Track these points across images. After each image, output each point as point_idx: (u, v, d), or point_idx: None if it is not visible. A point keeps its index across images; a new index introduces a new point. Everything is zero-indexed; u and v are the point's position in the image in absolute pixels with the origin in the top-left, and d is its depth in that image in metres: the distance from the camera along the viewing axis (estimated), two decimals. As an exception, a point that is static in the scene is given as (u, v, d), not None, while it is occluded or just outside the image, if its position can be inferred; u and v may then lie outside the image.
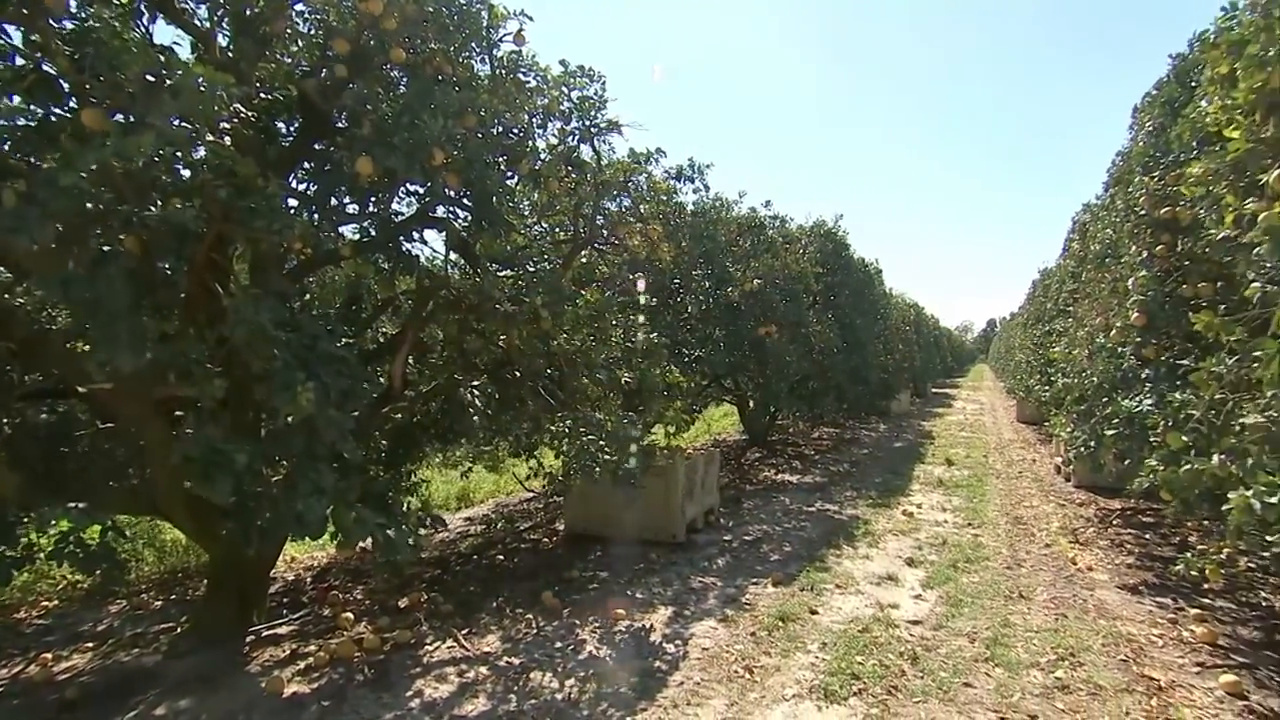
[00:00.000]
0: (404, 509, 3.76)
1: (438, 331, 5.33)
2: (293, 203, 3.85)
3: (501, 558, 5.95)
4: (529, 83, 4.54)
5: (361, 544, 3.05)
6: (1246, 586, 5.07)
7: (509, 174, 4.58)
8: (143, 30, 3.13)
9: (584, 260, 5.77)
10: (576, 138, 5.17)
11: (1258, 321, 3.21)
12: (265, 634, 4.24)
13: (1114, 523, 7.11)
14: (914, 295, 28.49)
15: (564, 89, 4.89)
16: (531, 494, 8.32)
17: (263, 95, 3.55)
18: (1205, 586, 4.94)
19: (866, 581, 5.21)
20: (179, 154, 2.51)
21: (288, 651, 4.01)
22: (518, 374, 4.71)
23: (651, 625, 4.44)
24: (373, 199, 3.91)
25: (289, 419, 2.70)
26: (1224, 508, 2.58)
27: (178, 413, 3.70)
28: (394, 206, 4.22)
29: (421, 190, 4.07)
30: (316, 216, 3.73)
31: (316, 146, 3.80)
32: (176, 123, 2.46)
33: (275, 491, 2.83)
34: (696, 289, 8.45)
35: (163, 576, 5.47)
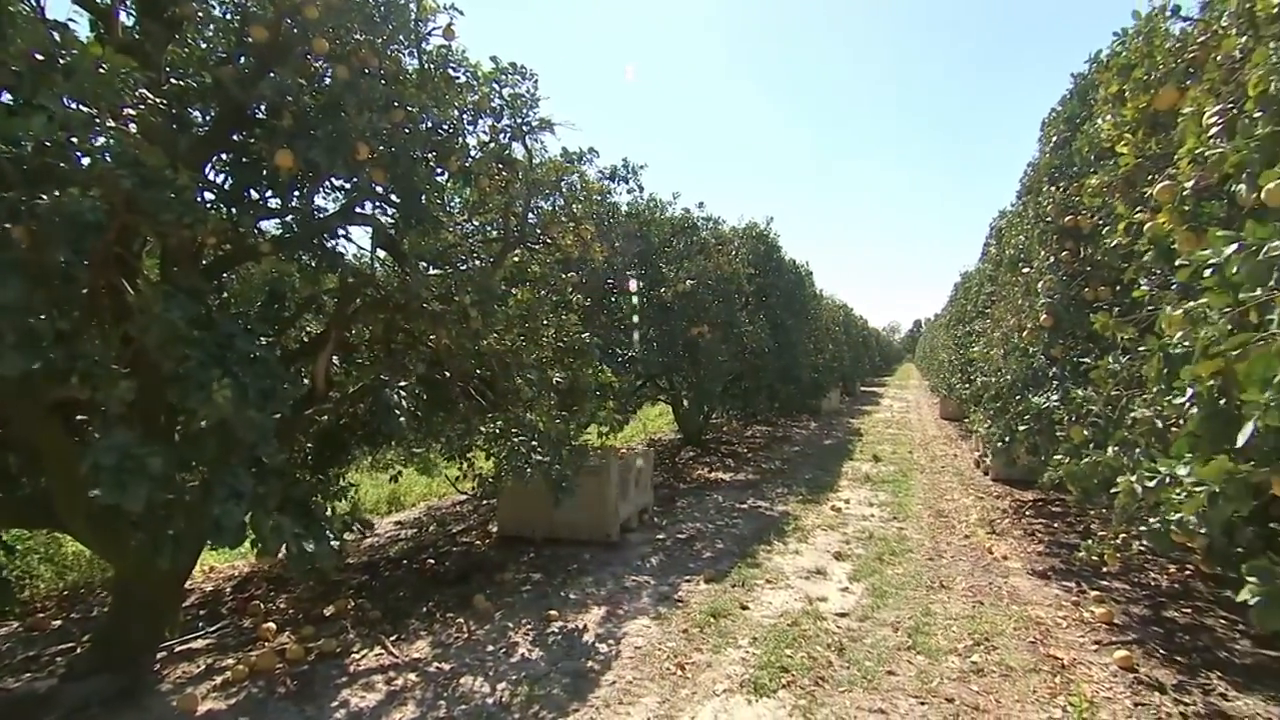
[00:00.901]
0: (328, 514, 3.64)
1: (365, 331, 5.18)
2: (209, 196, 3.69)
3: (432, 561, 5.82)
4: (459, 78, 4.47)
5: (283, 551, 2.94)
6: (1139, 568, 5.44)
7: (438, 171, 4.49)
8: (32, 3, 2.92)
9: (516, 259, 5.70)
10: (508, 135, 5.10)
11: (1146, 322, 3.45)
12: (179, 650, 4.03)
13: (1027, 513, 7.50)
14: (843, 296, 29.39)
15: (495, 86, 4.82)
16: (465, 496, 8.17)
17: (174, 81, 3.37)
18: (1105, 570, 5.28)
19: (796, 576, 5.34)
20: (75, 139, 2.35)
21: (203, 667, 3.82)
22: (447, 374, 4.62)
23: (585, 625, 4.43)
24: (295, 193, 3.77)
25: (204, 422, 2.58)
26: (1112, 491, 2.76)
27: (80, 417, 3.48)
28: (318, 202, 4.08)
29: (346, 185, 3.95)
30: (234, 210, 3.57)
31: (235, 137, 3.64)
32: (74, 106, 2.30)
33: (190, 498, 2.70)
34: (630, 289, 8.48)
35: (62, 594, 5.12)
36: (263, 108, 3.50)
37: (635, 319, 8.77)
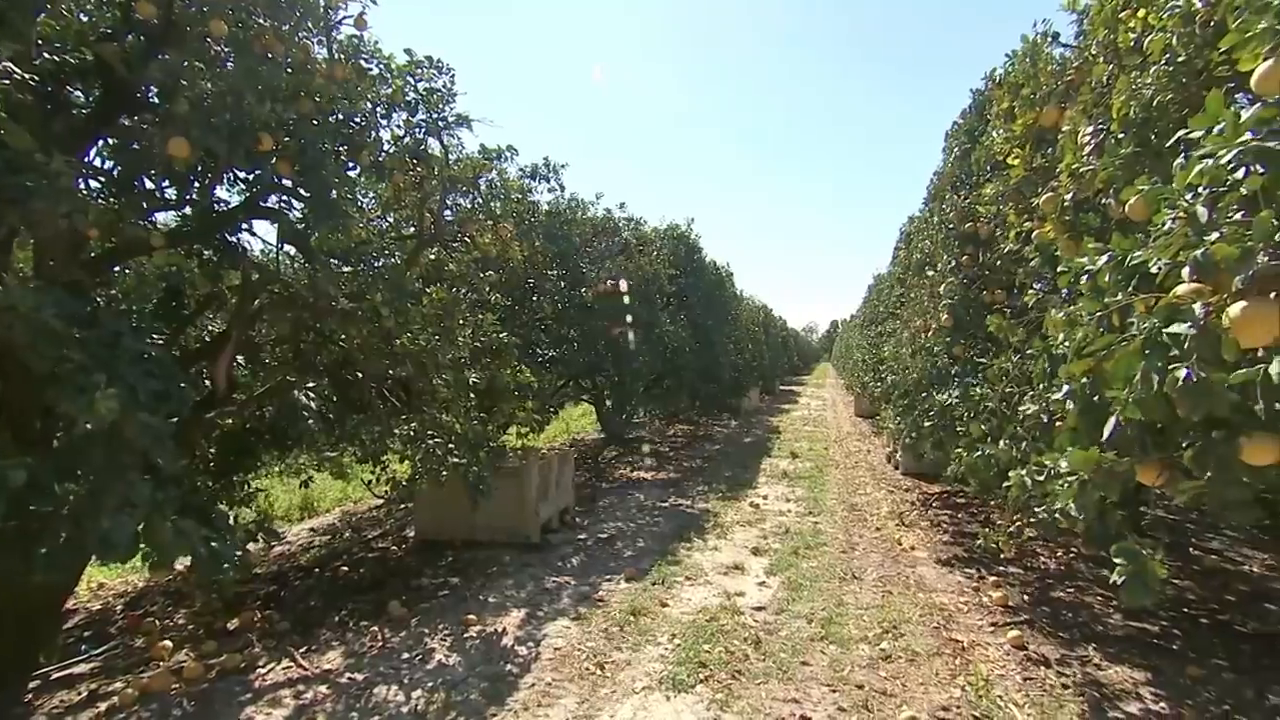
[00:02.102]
0: (231, 522, 3.45)
1: (271, 330, 4.96)
2: (94, 184, 3.44)
3: (346, 569, 5.62)
4: (371, 70, 4.34)
5: (182, 563, 2.77)
6: (1031, 553, 5.82)
7: (349, 165, 4.34)
8: None
9: (432, 257, 5.57)
10: (423, 130, 4.99)
11: (1034, 324, 3.71)
12: (57, 676, 3.72)
13: (933, 505, 7.88)
14: (764, 297, 30.14)
15: (409, 79, 4.71)
16: (381, 500, 7.92)
17: (48, 57, 3.11)
18: (1002, 556, 5.61)
19: (715, 572, 5.44)
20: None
21: (85, 693, 3.54)
22: (359, 375, 4.48)
23: (504, 629, 4.38)
24: (195, 185, 3.56)
25: (89, 426, 2.40)
26: (1005, 484, 2.96)
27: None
28: (219, 194, 3.88)
29: (250, 178, 3.77)
30: (122, 201, 3.34)
31: (124, 122, 3.40)
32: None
33: (72, 510, 2.50)
34: (551, 289, 8.43)
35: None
36: (156, 91, 3.29)
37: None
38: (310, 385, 4.99)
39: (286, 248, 4.65)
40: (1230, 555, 5.95)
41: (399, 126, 4.97)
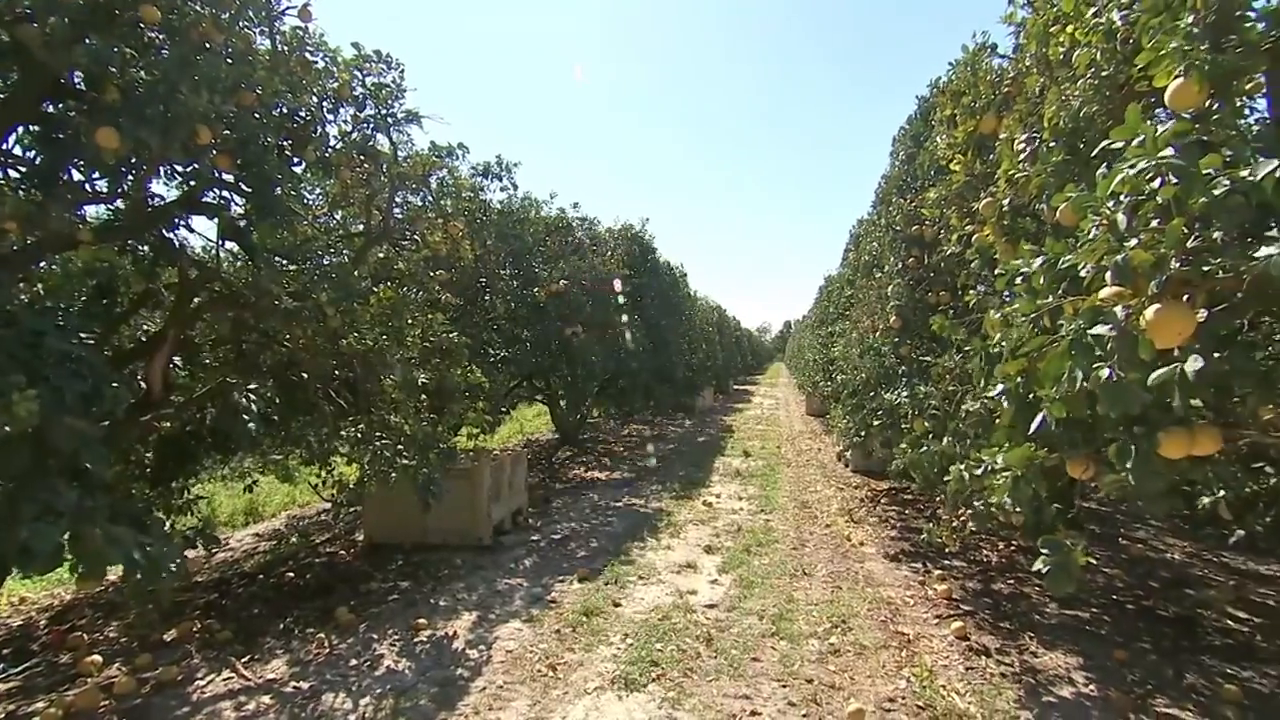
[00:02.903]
0: (167, 528, 3.32)
1: (212, 329, 4.79)
2: (12, 174, 3.26)
3: (292, 575, 5.47)
4: (316, 63, 4.23)
5: (114, 574, 2.65)
6: (975, 547, 6.01)
7: (294, 160, 4.23)
8: None
9: (380, 256, 5.47)
10: (371, 126, 4.89)
11: (975, 325, 3.84)
12: (-30, 696, 3.53)
13: (882, 502, 8.07)
14: (718, 298, 30.44)
15: (357, 73, 4.61)
16: (330, 504, 7.74)
17: (-45, 36, 2.94)
18: (946, 550, 5.79)
19: (668, 570, 5.47)
20: None
21: (2, 714, 3.37)
22: (304, 376, 4.36)
23: (455, 632, 4.32)
24: (128, 177, 3.41)
25: (7, 429, 2.28)
26: (945, 480, 3.06)
27: None
28: (155, 188, 3.72)
29: (187, 172, 3.63)
30: (45, 193, 3.17)
31: (49, 109, 3.24)
32: None
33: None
34: (504, 289, 8.36)
35: None
36: (83, 79, 3.14)
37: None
38: (253, 386, 4.83)
39: (228, 245, 4.51)
40: (1154, 544, 6.26)
41: (346, 122, 4.86)
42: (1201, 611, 4.57)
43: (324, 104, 4.48)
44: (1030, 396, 2.26)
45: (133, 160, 3.16)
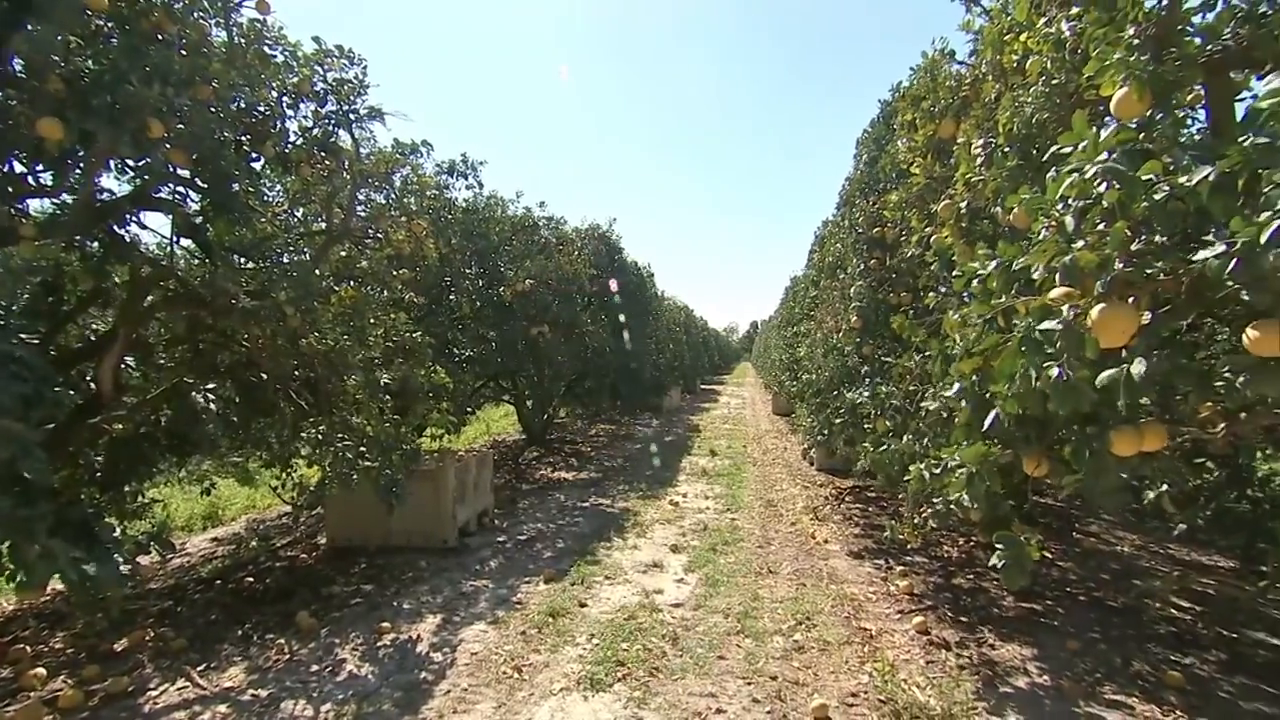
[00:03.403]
0: (118, 534, 3.22)
1: (166, 329, 4.66)
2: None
3: (251, 580, 5.34)
4: (275, 57, 4.14)
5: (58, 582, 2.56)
6: (936, 543, 6.13)
7: (253, 156, 4.14)
8: None
9: (343, 254, 5.38)
10: (333, 122, 4.80)
11: (935, 325, 3.92)
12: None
13: (846, 500, 8.17)
14: (685, 298, 30.56)
15: (318, 68, 4.52)
16: (292, 507, 7.58)
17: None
18: (908, 546, 5.89)
19: (634, 570, 5.48)
20: None
21: (-61, 731, 3.24)
22: (264, 376, 4.27)
23: (419, 635, 4.27)
24: (76, 170, 3.29)
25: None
26: (905, 479, 3.12)
27: None
28: (106, 183, 3.60)
29: (139, 166, 3.52)
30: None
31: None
32: None
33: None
34: (469, 288, 8.28)
35: None
36: (23, 67, 3.03)
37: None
38: (210, 387, 4.73)
39: (183, 242, 4.39)
40: (1106, 537, 6.46)
41: (307, 118, 4.77)
42: (1147, 601, 4.72)
43: (283, 99, 4.40)
44: (986, 395, 2.32)
45: (79, 153, 3.06)
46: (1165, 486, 2.83)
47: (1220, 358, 1.86)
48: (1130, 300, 1.66)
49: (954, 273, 2.92)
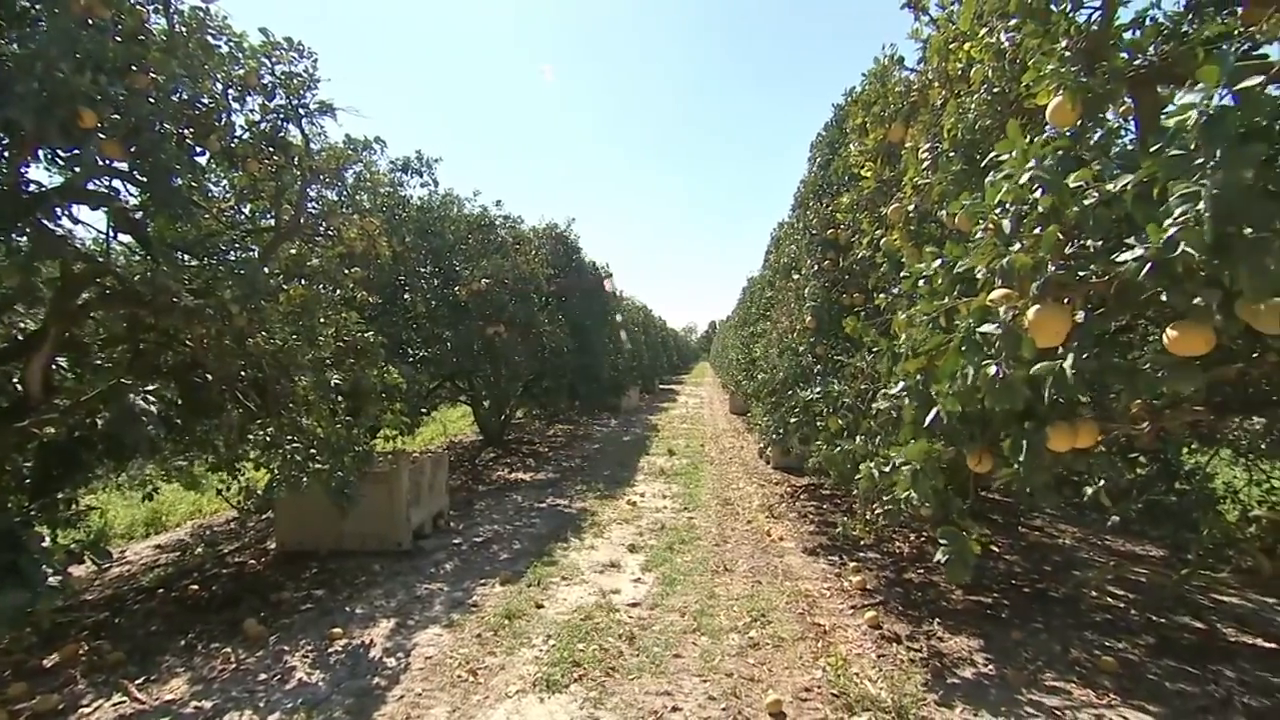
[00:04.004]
0: (46, 545, 3.08)
1: (103, 328, 4.47)
2: None
3: (196, 587, 5.17)
4: (220, 47, 4.02)
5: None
6: (888, 539, 6.26)
7: (197, 150, 4.00)
8: None
9: (292, 252, 5.24)
10: (281, 116, 4.68)
11: (886, 325, 4.01)
12: None
13: (801, 497, 8.28)
14: (644, 298, 30.61)
15: (265, 61, 4.41)
16: (240, 511, 7.36)
17: None
18: (861, 543, 6.02)
19: (591, 570, 5.47)
20: None
21: None
22: (208, 377, 4.14)
23: (372, 640, 4.19)
24: (2, 159, 3.14)
25: None
26: (856, 476, 3.19)
27: None
28: (35, 174, 3.45)
29: (69, 157, 3.38)
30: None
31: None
32: None
33: None
34: (424, 287, 8.16)
35: None
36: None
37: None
38: (150, 388, 4.55)
39: (122, 237, 4.23)
40: (1049, 531, 6.70)
41: (254, 111, 4.64)
42: (1084, 590, 4.91)
43: (229, 91, 4.27)
44: (929, 394, 2.39)
45: (3, 141, 2.93)
46: (1101, 481, 2.95)
47: (1146, 356, 1.94)
48: (1065, 301, 1.73)
49: (902, 274, 2.99)
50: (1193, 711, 3.38)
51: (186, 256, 4.32)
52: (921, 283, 2.45)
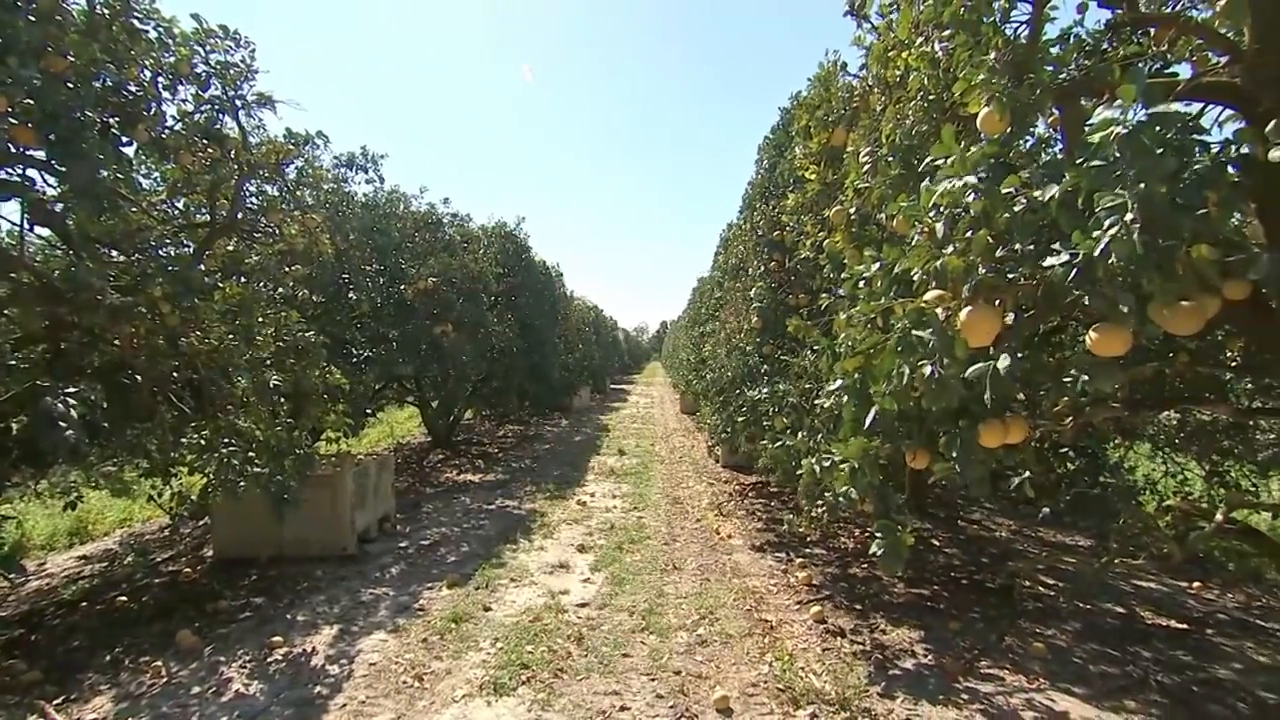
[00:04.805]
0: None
1: (17, 326, 4.23)
2: None
3: (124, 599, 4.92)
4: (147, 32, 3.85)
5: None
6: (834, 535, 6.39)
7: (123, 139, 3.83)
8: None
9: (230, 249, 5.06)
10: (217, 108, 4.52)
11: (828, 325, 4.10)
12: None
13: (749, 495, 8.39)
14: (595, 298, 30.53)
15: (199, 49, 4.25)
16: (174, 518, 7.03)
17: None
18: (808, 539, 6.13)
19: (540, 572, 5.43)
20: None
21: None
22: (138, 378, 3.95)
23: (314, 648, 4.08)
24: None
25: None
26: (798, 473, 3.25)
27: None
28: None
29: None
30: None
31: None
32: None
33: None
34: (369, 285, 7.97)
35: None
36: None
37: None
38: (72, 391, 4.32)
39: (41, 230, 4.01)
40: (987, 524, 6.95)
41: (187, 101, 4.47)
42: (1018, 580, 5.12)
43: (159, 79, 4.10)
44: (867, 392, 2.45)
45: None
46: (1026, 475, 3.07)
47: (1072, 356, 2.04)
48: (996, 303, 1.80)
49: (843, 275, 3.06)
50: (1113, 691, 3.56)
51: (114, 252, 4.13)
52: (861, 284, 2.51)
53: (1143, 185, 1.36)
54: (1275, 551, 2.43)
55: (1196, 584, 5.25)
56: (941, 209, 1.82)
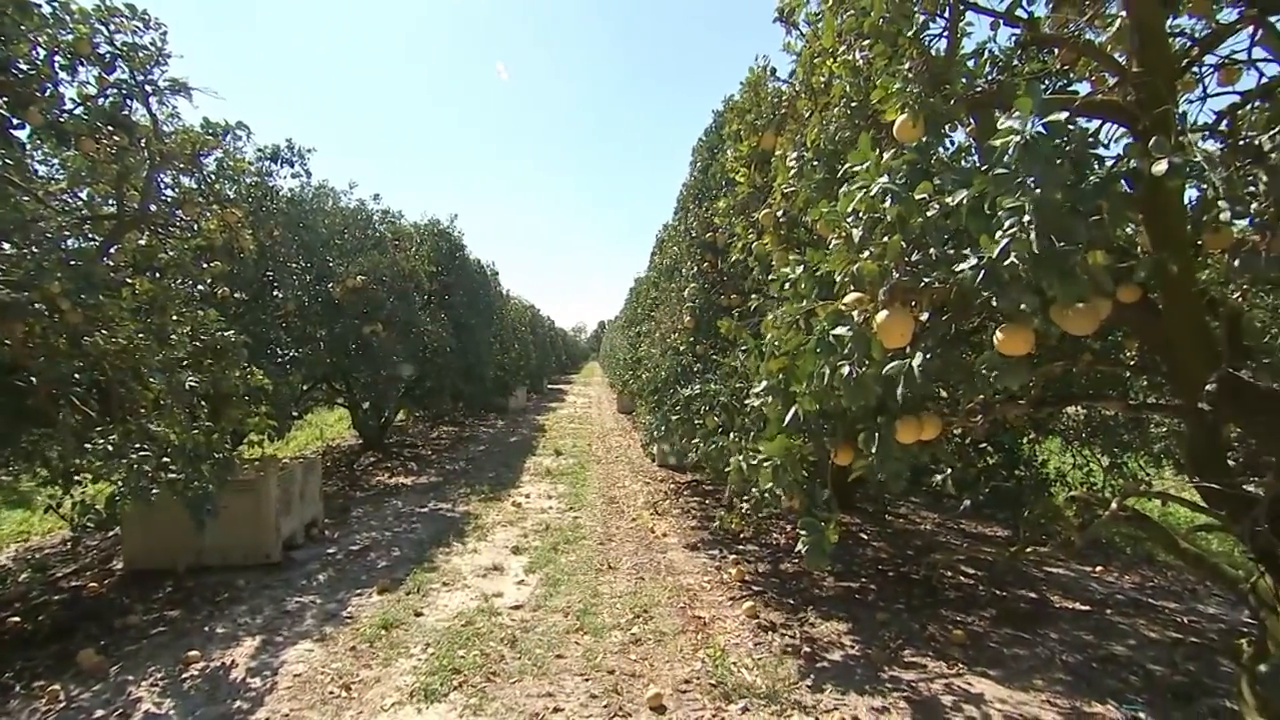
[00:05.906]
0: None
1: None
2: None
3: (17, 619, 4.59)
4: (40, 7, 3.60)
5: None
6: (766, 531, 6.50)
7: (13, 122, 3.58)
8: None
9: (141, 243, 4.79)
10: (124, 92, 4.27)
11: (757, 326, 4.17)
12: None
13: (684, 494, 8.48)
14: (532, 298, 30.24)
15: (101, 28, 4.00)
16: (78, 529, 6.59)
17: None
18: (741, 536, 6.22)
19: (474, 575, 5.35)
20: None
21: None
22: (33, 381, 3.69)
23: (234, 661, 3.91)
24: None
25: None
26: (725, 470, 3.30)
27: None
28: None
29: None
30: None
31: None
32: None
33: None
34: (295, 283, 7.68)
35: None
36: None
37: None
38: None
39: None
40: (912, 518, 7.22)
41: (89, 84, 4.21)
42: (941, 571, 5.34)
43: (55, 58, 3.85)
44: (790, 392, 2.51)
45: None
46: (949, 470, 3.21)
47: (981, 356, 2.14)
48: (911, 305, 1.88)
49: (771, 277, 3.13)
50: (1024, 671, 3.76)
51: (4, 245, 3.84)
52: (786, 286, 2.57)
53: (1039, 191, 1.44)
54: (1163, 536, 2.61)
55: (1099, 568, 5.59)
56: (860, 214, 1.89)
